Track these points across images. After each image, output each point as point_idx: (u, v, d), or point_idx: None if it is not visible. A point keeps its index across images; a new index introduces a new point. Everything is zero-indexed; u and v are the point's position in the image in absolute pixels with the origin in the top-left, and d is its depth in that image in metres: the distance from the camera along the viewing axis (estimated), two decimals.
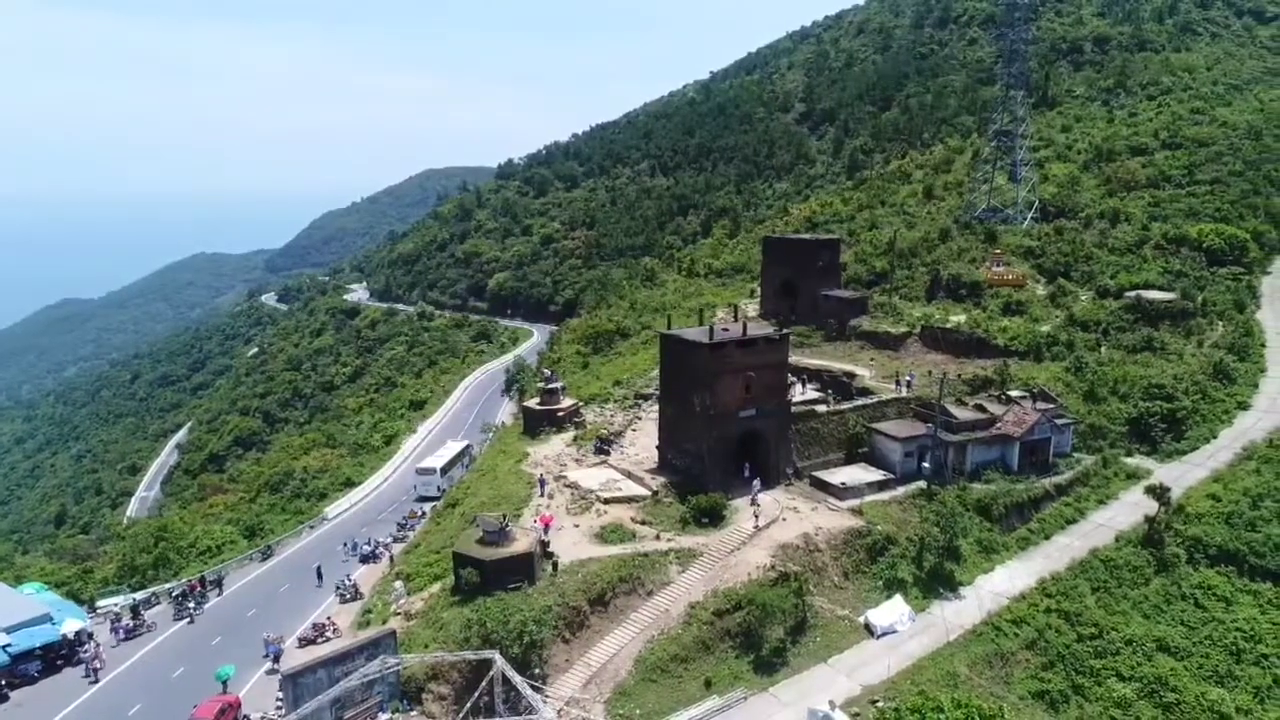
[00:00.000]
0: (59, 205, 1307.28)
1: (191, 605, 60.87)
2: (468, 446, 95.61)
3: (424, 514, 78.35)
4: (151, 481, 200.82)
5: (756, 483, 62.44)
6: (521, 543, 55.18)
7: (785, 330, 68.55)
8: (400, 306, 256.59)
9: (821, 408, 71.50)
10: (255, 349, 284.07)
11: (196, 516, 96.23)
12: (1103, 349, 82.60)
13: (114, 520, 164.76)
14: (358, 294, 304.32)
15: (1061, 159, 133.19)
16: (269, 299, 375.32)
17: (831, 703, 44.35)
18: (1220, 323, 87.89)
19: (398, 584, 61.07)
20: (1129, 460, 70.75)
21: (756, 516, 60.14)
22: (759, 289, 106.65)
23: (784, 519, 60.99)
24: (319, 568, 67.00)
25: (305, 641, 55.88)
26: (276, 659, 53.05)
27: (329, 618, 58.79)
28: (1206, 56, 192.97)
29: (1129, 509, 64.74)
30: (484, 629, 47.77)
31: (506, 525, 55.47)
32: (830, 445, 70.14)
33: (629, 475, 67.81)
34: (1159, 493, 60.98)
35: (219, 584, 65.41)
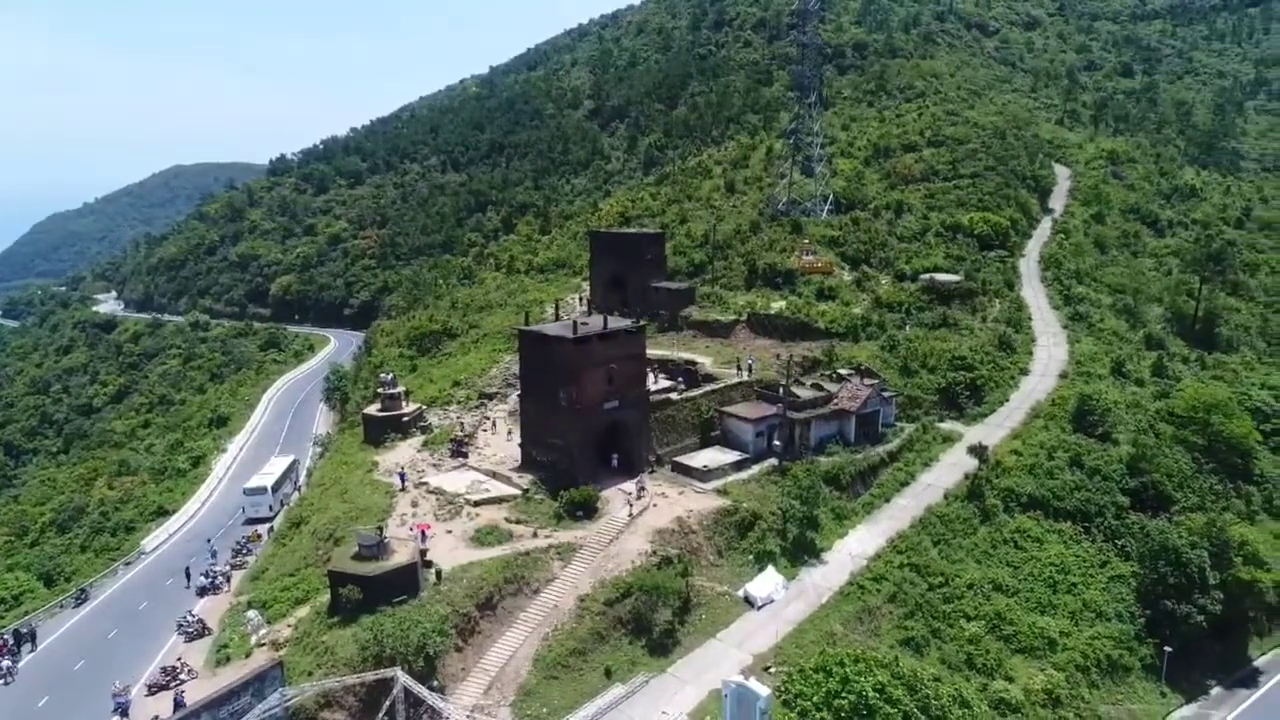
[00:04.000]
0: None
1: (5, 664, 52.93)
2: (295, 461, 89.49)
3: (262, 536, 72.65)
4: None
5: (642, 476, 63.82)
6: (402, 554, 53.05)
7: (641, 322, 69.94)
8: (168, 317, 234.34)
9: (675, 395, 73.80)
10: None
11: None
12: (907, 327, 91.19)
13: None
14: (110, 305, 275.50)
15: (845, 155, 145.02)
16: None
17: (744, 672, 46.32)
18: (997, 300, 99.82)
19: (251, 613, 56.68)
20: (942, 425, 78.75)
21: (631, 505, 61.30)
22: (586, 283, 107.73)
23: (655, 505, 62.51)
24: (187, 568, 64.04)
25: (156, 688, 50.44)
26: (125, 712, 47.62)
27: (179, 658, 53.37)
28: (948, 63, 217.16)
29: (949, 469, 72.23)
30: (380, 646, 45.58)
31: (385, 538, 53.02)
32: (685, 431, 72.64)
33: (494, 476, 66.71)
34: (979, 451, 68.72)
35: (31, 637, 57.24)
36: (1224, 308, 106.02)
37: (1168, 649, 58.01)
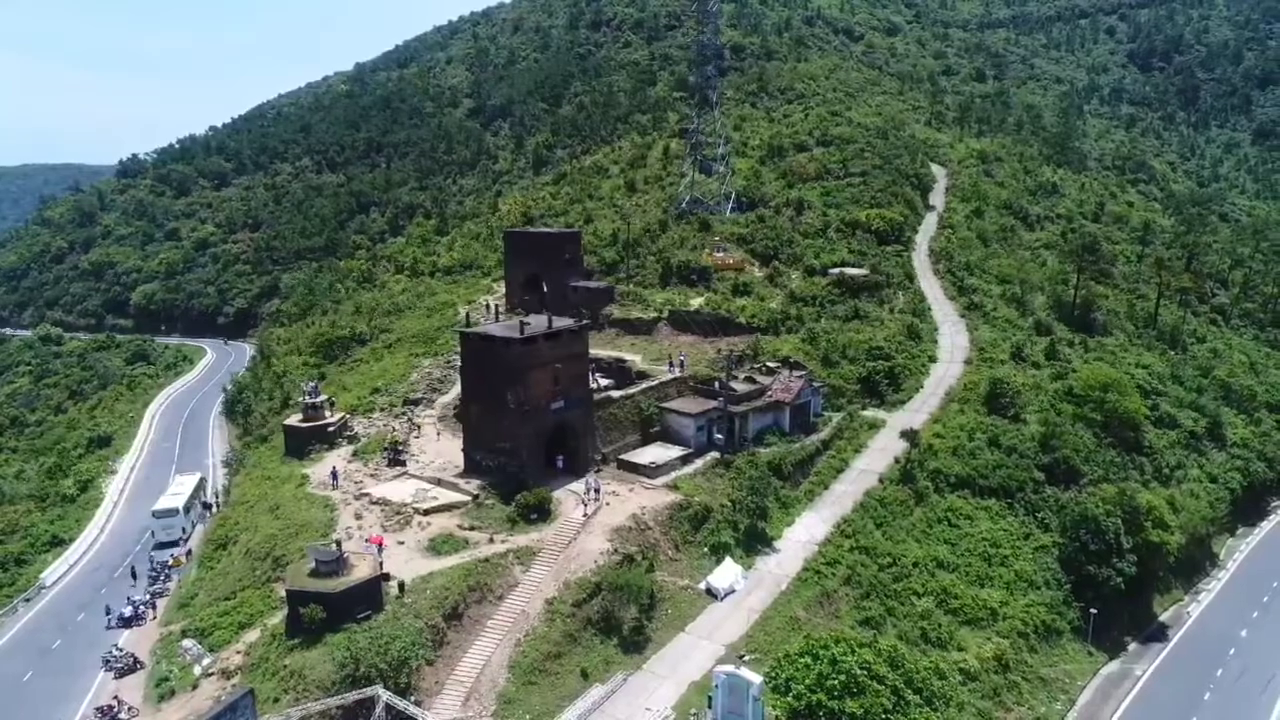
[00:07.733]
0: None
1: None
2: (203, 479, 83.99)
3: (184, 561, 67.86)
4: None
5: (594, 475, 63.36)
6: (362, 568, 51.10)
7: (584, 321, 69.49)
8: (11, 331, 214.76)
9: (616, 393, 73.70)
10: None
11: None
12: (822, 320, 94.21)
13: None
14: None
15: (740, 154, 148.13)
16: None
17: (731, 662, 46.89)
18: (900, 292, 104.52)
19: (187, 643, 53.31)
20: (866, 413, 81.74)
21: (585, 505, 60.89)
22: (500, 283, 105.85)
23: (608, 503, 62.31)
24: (133, 568, 64.66)
25: None
26: None
27: (115, 696, 49.49)
28: (822, 66, 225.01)
29: (880, 454, 75.07)
30: (357, 665, 43.62)
31: (345, 553, 50.77)
32: (627, 428, 72.69)
33: (439, 483, 64.77)
34: (911, 436, 71.89)
35: None
36: (1096, 295, 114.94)
37: (1093, 611, 62.54)
